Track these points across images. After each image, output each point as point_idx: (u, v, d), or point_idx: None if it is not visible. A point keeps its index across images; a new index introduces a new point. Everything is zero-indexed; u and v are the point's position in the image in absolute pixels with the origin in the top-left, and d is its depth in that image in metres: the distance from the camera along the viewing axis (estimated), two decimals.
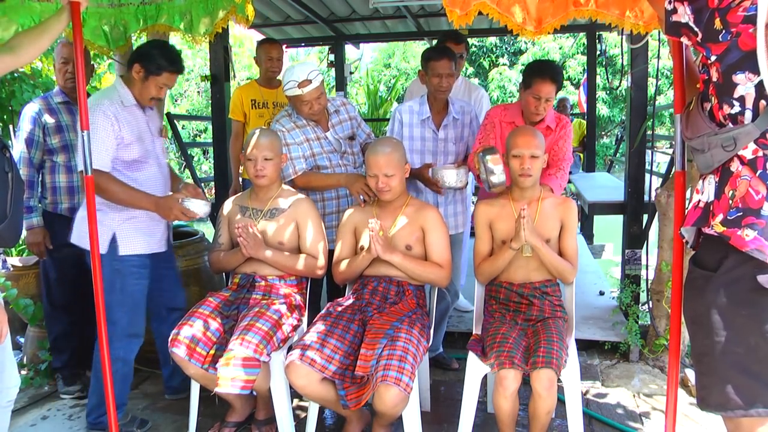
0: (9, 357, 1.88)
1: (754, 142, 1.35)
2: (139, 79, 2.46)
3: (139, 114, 2.53)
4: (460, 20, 2.21)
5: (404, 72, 17.07)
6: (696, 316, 1.48)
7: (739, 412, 1.41)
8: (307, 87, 2.60)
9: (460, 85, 3.66)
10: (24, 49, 1.85)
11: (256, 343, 2.21)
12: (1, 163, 1.74)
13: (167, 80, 2.49)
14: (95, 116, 2.35)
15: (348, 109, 2.94)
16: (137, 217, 2.48)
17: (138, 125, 2.50)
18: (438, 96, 2.85)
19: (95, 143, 2.30)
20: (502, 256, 2.38)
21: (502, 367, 2.06)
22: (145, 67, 2.44)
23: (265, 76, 3.80)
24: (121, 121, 2.42)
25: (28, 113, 2.85)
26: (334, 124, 2.85)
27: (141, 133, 2.50)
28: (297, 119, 2.78)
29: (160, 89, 2.50)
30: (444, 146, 2.88)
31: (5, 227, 1.73)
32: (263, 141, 2.46)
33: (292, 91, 2.63)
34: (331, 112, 2.86)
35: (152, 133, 2.60)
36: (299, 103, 2.67)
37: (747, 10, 1.29)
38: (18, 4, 2.65)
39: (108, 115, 2.38)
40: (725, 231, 1.38)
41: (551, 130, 2.82)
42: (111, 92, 2.49)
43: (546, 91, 2.63)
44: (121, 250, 2.47)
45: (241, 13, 2.60)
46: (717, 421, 1.98)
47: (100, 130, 2.35)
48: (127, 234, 2.48)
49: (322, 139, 2.79)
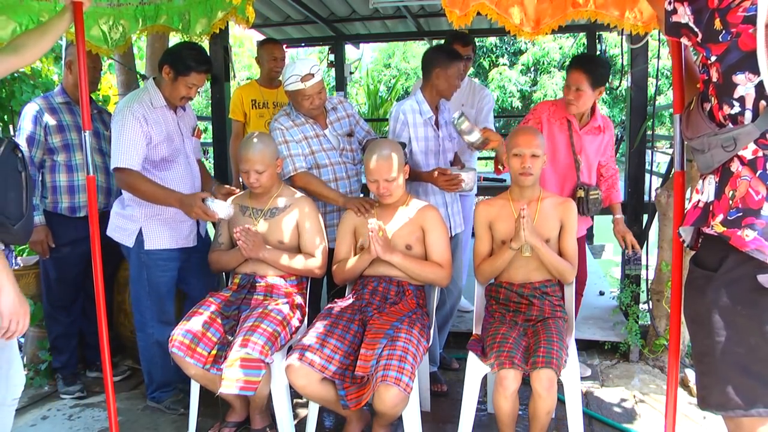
0: (15, 355, 1.89)
1: (754, 142, 1.35)
2: (169, 79, 2.55)
3: (168, 114, 2.62)
4: (460, 21, 2.21)
5: (404, 72, 17.07)
6: (696, 315, 1.48)
7: (739, 412, 1.41)
8: (310, 81, 2.61)
9: (465, 85, 3.66)
10: (27, 49, 1.85)
11: (261, 344, 2.21)
12: (14, 163, 1.75)
13: (196, 80, 2.56)
14: (125, 117, 2.48)
15: (345, 107, 2.94)
16: (162, 214, 2.58)
17: (167, 125, 2.60)
18: (447, 97, 2.82)
19: (124, 143, 2.46)
20: (501, 256, 2.38)
21: (502, 367, 2.06)
22: (174, 67, 2.52)
23: (267, 76, 3.80)
24: (149, 121, 2.52)
25: (29, 112, 2.85)
26: (332, 121, 2.85)
27: (170, 133, 2.60)
28: (296, 117, 2.77)
29: (190, 89, 2.58)
30: (443, 144, 2.88)
31: (21, 225, 1.75)
32: (254, 155, 2.43)
33: (294, 85, 2.62)
34: (329, 109, 2.86)
35: (182, 133, 2.69)
36: (300, 97, 2.67)
37: (747, 10, 1.29)
38: (16, 3, 2.64)
39: (137, 117, 2.48)
40: (725, 231, 1.38)
41: (600, 130, 2.86)
42: (141, 94, 2.59)
43: (574, 79, 2.69)
44: (147, 245, 2.60)
45: (242, 14, 2.60)
46: (717, 421, 1.98)
47: (129, 130, 2.46)
48: (153, 229, 2.60)
49: (321, 137, 2.79)
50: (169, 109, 2.63)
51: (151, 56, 3.89)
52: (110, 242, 2.96)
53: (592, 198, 2.78)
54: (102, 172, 2.99)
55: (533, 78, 15.96)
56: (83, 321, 3.11)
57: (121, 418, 2.64)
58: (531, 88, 15.75)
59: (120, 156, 2.46)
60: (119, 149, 2.47)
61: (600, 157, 2.93)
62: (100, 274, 2.12)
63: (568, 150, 2.82)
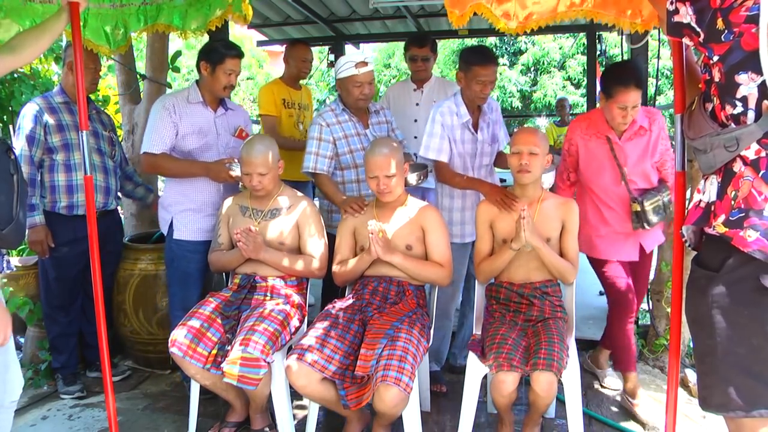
0: (13, 357, 1.88)
1: (756, 142, 1.35)
2: (208, 73, 2.71)
3: (205, 111, 2.77)
4: (459, 21, 2.22)
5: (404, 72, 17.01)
6: (698, 316, 1.48)
7: (740, 413, 1.41)
8: (363, 68, 2.70)
9: (433, 83, 3.67)
10: (25, 49, 1.85)
11: (262, 344, 2.21)
12: (6, 165, 1.74)
13: (232, 65, 2.70)
14: (156, 108, 2.72)
15: (386, 113, 3.05)
16: (191, 209, 2.77)
17: (199, 120, 2.74)
18: (477, 102, 2.78)
19: (153, 130, 2.68)
20: (502, 255, 2.37)
21: (500, 369, 2.06)
22: (209, 60, 2.70)
23: (296, 76, 3.87)
24: (179, 113, 2.70)
25: (29, 112, 2.85)
26: (374, 123, 2.94)
27: (202, 128, 2.74)
28: (341, 114, 2.84)
29: (229, 75, 2.71)
30: (481, 148, 2.84)
31: (11, 229, 1.73)
32: (257, 158, 2.45)
33: (348, 71, 2.70)
34: (372, 111, 2.96)
35: (218, 131, 2.81)
36: (351, 85, 2.73)
37: (749, 10, 1.28)
38: (20, 6, 2.65)
39: (167, 107, 2.69)
40: (727, 232, 1.38)
41: (645, 129, 2.57)
42: (182, 90, 2.83)
43: (632, 99, 2.41)
44: (176, 235, 2.78)
45: (238, 11, 2.60)
46: (717, 421, 1.98)
47: (157, 119, 2.68)
48: (182, 221, 2.77)
49: (361, 136, 2.85)
50: (206, 107, 2.77)
51: (151, 56, 3.88)
52: (109, 242, 2.97)
53: (652, 207, 2.53)
54: (101, 172, 2.99)
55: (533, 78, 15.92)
56: (83, 321, 3.11)
57: (121, 418, 2.64)
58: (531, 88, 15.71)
59: (148, 141, 2.68)
60: (148, 135, 2.70)
61: (651, 158, 2.60)
62: (99, 273, 2.12)
63: (613, 164, 2.57)
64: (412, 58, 3.60)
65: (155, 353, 3.18)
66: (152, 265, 3.15)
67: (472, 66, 2.66)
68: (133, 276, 3.14)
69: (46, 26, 1.97)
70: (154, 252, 3.18)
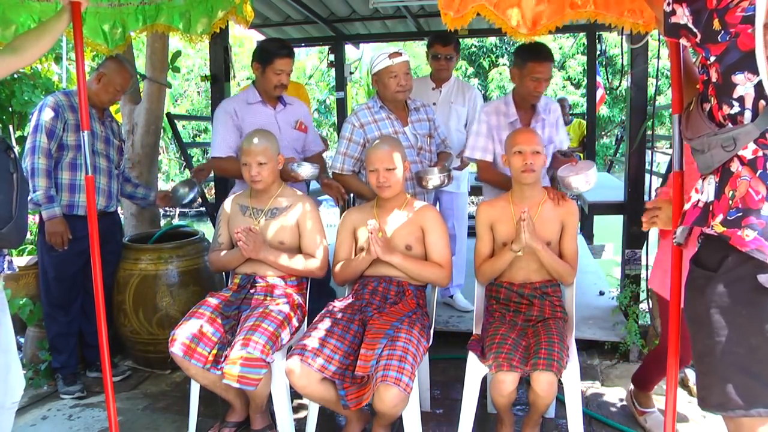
0: (14, 358, 1.88)
1: (753, 142, 1.35)
2: (260, 74, 2.84)
3: (264, 110, 2.90)
4: (455, 22, 2.20)
5: None
6: (697, 316, 1.48)
7: (739, 412, 1.41)
8: (398, 58, 2.69)
9: (452, 84, 3.66)
10: (26, 49, 1.86)
11: (263, 344, 2.21)
12: (6, 164, 1.74)
13: (282, 65, 2.80)
14: (218, 113, 2.88)
15: (427, 111, 2.98)
16: None
17: (261, 120, 2.84)
18: (530, 100, 2.74)
19: (217, 135, 2.84)
20: (502, 257, 2.38)
21: (499, 369, 2.06)
22: (260, 61, 2.81)
23: None
24: (241, 115, 2.83)
25: (52, 105, 2.84)
26: (413, 120, 2.89)
27: (263, 126, 2.76)
28: (378, 112, 2.81)
29: (279, 75, 2.81)
30: None
31: (11, 228, 1.73)
32: (256, 147, 2.45)
33: (382, 63, 2.70)
34: (411, 108, 2.91)
35: (280, 127, 2.89)
36: (387, 76, 2.71)
37: (745, 10, 1.29)
38: (17, 3, 2.64)
39: (228, 111, 2.83)
40: (725, 231, 1.38)
41: None
42: (240, 93, 2.95)
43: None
44: None
45: (240, 13, 2.61)
46: (717, 420, 1.98)
47: (220, 124, 2.83)
48: None
49: (400, 134, 2.81)
50: (265, 105, 2.89)
51: (151, 56, 3.89)
52: (109, 242, 2.96)
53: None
54: (105, 176, 3.02)
55: None
56: (83, 321, 3.11)
57: (121, 418, 2.64)
58: None
59: (214, 146, 2.84)
60: (214, 141, 2.86)
61: None
62: (100, 273, 2.12)
63: None
64: (435, 56, 3.56)
65: (155, 353, 3.19)
66: (152, 265, 3.15)
67: (528, 62, 2.63)
68: (133, 276, 3.14)
69: (47, 26, 1.97)
70: (154, 252, 3.18)
